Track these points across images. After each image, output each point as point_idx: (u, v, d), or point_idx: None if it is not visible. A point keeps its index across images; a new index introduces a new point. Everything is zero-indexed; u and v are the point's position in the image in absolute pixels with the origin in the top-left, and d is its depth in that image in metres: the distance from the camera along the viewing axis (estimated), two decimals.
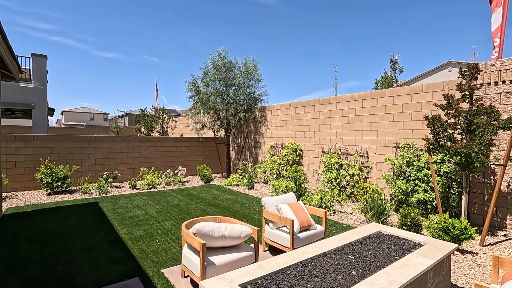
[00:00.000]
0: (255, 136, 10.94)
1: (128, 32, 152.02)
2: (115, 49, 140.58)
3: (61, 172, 7.90)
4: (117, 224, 5.08)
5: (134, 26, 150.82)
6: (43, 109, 12.04)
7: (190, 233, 2.89)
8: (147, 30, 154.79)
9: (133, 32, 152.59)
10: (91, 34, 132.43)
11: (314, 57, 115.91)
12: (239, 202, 6.92)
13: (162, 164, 10.75)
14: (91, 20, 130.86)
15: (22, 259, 3.62)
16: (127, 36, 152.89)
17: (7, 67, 5.03)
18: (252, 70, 10.44)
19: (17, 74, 5.56)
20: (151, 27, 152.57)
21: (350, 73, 78.11)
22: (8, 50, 4.48)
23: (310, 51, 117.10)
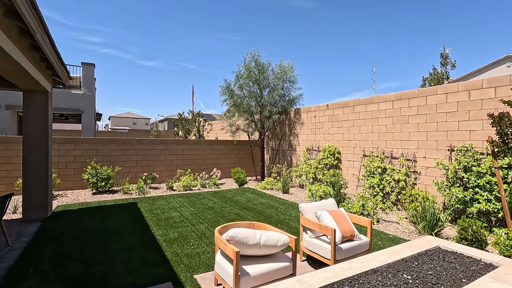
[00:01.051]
0: (290, 138, 10.64)
1: (168, 41, 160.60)
2: (156, 58, 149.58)
3: (105, 173, 8.32)
4: (153, 225, 5.13)
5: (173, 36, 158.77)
6: (91, 114, 12.96)
7: (223, 239, 2.72)
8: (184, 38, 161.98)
9: (172, 41, 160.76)
10: (135, 45, 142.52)
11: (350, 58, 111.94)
12: (273, 206, 6.68)
13: (197, 166, 10.90)
14: (136, 32, 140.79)
15: (65, 257, 3.74)
16: (167, 46, 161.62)
17: (58, 74, 5.38)
18: (287, 72, 10.20)
19: (66, 80, 5.94)
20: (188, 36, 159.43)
21: (389, 73, 74.04)
22: (58, 58, 4.76)
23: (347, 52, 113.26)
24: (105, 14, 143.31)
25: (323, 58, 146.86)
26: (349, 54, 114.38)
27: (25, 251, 3.94)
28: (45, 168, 5.51)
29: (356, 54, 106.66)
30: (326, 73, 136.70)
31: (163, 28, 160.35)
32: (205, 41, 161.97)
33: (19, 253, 3.86)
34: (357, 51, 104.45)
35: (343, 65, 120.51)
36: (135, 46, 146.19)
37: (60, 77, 5.45)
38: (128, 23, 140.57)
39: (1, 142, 7.78)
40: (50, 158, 5.65)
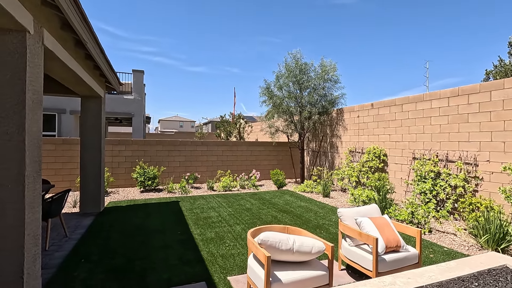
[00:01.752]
0: (331, 140, 10.21)
1: (212, 47, 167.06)
2: (201, 64, 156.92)
3: (152, 173, 8.85)
4: (192, 224, 5.27)
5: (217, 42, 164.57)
6: (141, 118, 13.95)
7: (255, 242, 2.65)
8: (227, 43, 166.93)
9: (216, 47, 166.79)
10: (183, 52, 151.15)
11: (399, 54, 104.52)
12: (313, 210, 6.43)
13: (237, 167, 11.04)
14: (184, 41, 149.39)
15: (111, 250, 4.01)
16: (212, 52, 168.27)
17: (109, 81, 5.84)
18: (329, 71, 9.82)
19: (117, 86, 6.43)
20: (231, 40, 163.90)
21: (443, 69, 67.35)
22: (108, 66, 5.17)
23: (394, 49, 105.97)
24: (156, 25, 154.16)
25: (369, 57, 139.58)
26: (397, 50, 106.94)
27: (79, 242, 4.31)
28: (98, 167, 6.01)
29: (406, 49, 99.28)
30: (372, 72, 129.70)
31: (209, 36, 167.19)
32: (248, 45, 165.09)
33: (74, 244, 4.24)
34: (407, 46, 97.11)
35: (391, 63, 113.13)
36: (183, 53, 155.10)
37: (111, 83, 5.91)
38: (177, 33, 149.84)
39: (65, 143, 8.73)
40: (102, 158, 6.16)
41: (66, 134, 12.04)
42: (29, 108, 2.49)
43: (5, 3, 2.09)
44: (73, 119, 12.35)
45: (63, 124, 12.03)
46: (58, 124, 11.94)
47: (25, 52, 2.43)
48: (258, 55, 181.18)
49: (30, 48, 2.50)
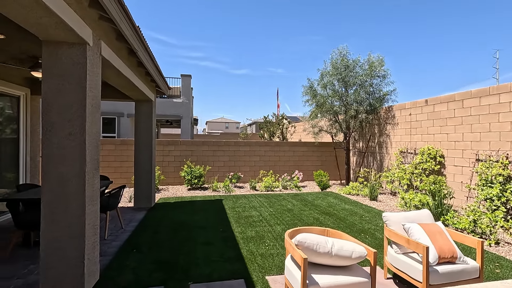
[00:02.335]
0: (380, 139, 9.60)
1: (255, 50, 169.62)
2: (245, 66, 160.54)
3: (198, 172, 9.29)
4: (234, 222, 5.40)
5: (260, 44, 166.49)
6: (188, 119, 14.75)
7: (292, 243, 2.61)
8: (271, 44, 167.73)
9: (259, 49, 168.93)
10: (228, 56, 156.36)
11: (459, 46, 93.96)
12: (358, 214, 6.12)
13: (279, 168, 11.01)
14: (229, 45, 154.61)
15: (159, 243, 4.30)
16: (255, 53, 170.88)
17: (159, 86, 6.29)
18: (377, 67, 9.25)
19: (166, 90, 6.89)
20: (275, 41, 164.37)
21: None
22: (158, 72, 5.56)
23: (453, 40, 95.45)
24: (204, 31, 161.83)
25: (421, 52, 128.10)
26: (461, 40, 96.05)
27: (132, 234, 4.71)
28: (150, 165, 6.51)
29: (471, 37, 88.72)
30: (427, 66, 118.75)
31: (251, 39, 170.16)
32: (291, 45, 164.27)
33: (128, 235, 4.65)
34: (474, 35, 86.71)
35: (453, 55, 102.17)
36: (228, 57, 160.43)
37: (161, 87, 6.35)
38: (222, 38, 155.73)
39: (123, 144, 9.63)
40: (153, 157, 6.65)
41: (124, 136, 13.30)
42: (89, 112, 2.80)
43: (70, 21, 2.38)
44: (129, 122, 13.58)
45: (122, 126, 13.32)
46: (118, 127, 13.27)
47: (86, 63, 2.74)
48: (305, 54, 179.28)
49: (90, 58, 2.81)
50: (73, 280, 2.70)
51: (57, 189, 2.67)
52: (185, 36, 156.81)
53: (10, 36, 3.46)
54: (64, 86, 2.69)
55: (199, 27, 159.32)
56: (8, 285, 3.02)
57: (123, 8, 2.91)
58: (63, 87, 2.69)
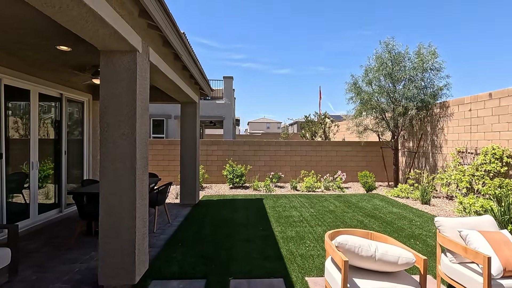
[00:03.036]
0: (433, 138, 8.80)
1: (296, 48, 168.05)
2: (287, 66, 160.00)
3: (239, 171, 9.49)
4: (274, 221, 5.40)
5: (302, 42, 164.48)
6: (230, 120, 15.16)
7: (332, 245, 2.52)
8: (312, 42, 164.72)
9: (301, 48, 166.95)
10: (270, 56, 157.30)
11: None
12: (407, 218, 5.69)
13: (321, 168, 10.73)
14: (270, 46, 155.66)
15: (202, 238, 4.49)
16: (296, 53, 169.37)
17: (202, 88, 6.57)
18: (429, 59, 8.51)
19: (208, 92, 7.17)
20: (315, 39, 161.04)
21: None
22: (201, 74, 5.82)
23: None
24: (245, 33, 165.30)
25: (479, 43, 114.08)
26: None
27: (178, 228, 5.00)
28: (194, 164, 6.83)
29: None
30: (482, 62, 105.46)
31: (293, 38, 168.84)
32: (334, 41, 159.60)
33: (174, 230, 4.94)
34: None
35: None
36: (270, 57, 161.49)
37: (204, 89, 6.63)
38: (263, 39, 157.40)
39: (170, 144, 10.26)
40: (197, 156, 6.96)
41: (171, 136, 14.17)
42: (139, 114, 3.04)
43: (122, 31, 2.61)
44: (176, 123, 14.42)
45: (169, 128, 14.22)
46: (166, 128, 14.19)
47: (136, 68, 2.97)
48: (347, 50, 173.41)
49: (139, 64, 3.04)
50: (126, 267, 2.95)
51: (112, 184, 2.95)
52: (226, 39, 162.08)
53: (75, 48, 3.91)
54: (118, 91, 2.96)
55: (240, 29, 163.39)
56: (74, 268, 3.42)
57: (169, 17, 3.10)
58: (117, 91, 2.96)
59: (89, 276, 3.24)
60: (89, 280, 3.14)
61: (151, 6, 2.66)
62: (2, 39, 3.61)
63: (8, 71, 4.28)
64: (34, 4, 2.00)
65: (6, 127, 4.40)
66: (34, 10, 2.72)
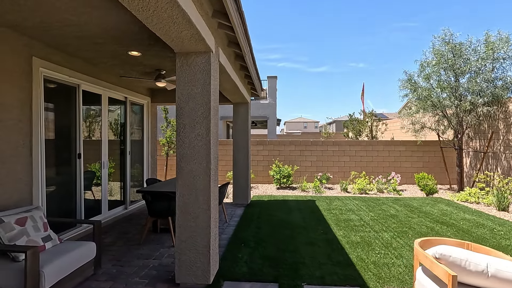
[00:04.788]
0: (507, 137, 7.84)
1: (335, 45, 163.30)
2: (325, 64, 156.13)
3: (286, 171, 9.36)
4: (333, 224, 5.17)
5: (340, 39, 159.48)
6: (274, 120, 15.08)
7: (429, 255, 2.28)
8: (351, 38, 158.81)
9: (339, 44, 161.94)
10: (306, 55, 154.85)
11: None
12: (486, 226, 5.09)
13: (372, 169, 10.16)
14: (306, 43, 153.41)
15: (263, 239, 4.43)
16: (335, 50, 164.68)
17: (255, 88, 6.55)
18: (501, 47, 7.60)
19: (260, 92, 7.14)
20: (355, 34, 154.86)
21: None
22: (257, 74, 5.78)
23: None
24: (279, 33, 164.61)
25: None
26: None
27: (236, 228, 5.01)
28: (246, 164, 6.84)
29: None
30: None
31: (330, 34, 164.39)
32: (374, 36, 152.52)
33: (233, 229, 4.95)
34: None
35: None
36: (306, 56, 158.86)
37: (256, 89, 6.61)
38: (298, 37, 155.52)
39: (219, 144, 10.45)
40: (249, 156, 6.96)
41: (218, 137, 14.50)
42: (212, 114, 3.05)
43: (203, 32, 2.63)
44: (221, 124, 14.73)
45: None
46: None
47: (210, 69, 2.99)
48: (389, 44, 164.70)
49: (213, 65, 3.06)
50: (201, 266, 2.98)
51: (188, 184, 2.99)
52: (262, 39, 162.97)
53: (145, 53, 4.08)
54: (193, 91, 2.99)
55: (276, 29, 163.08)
56: (148, 264, 3.56)
57: (240, 15, 3.07)
58: (193, 92, 2.99)
59: (163, 273, 3.34)
60: (164, 277, 3.23)
61: (229, 5, 2.63)
62: (86, 48, 3.89)
63: (85, 78, 4.61)
64: (131, 9, 2.07)
65: (86, 129, 4.77)
66: (118, 18, 2.87)
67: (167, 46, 3.75)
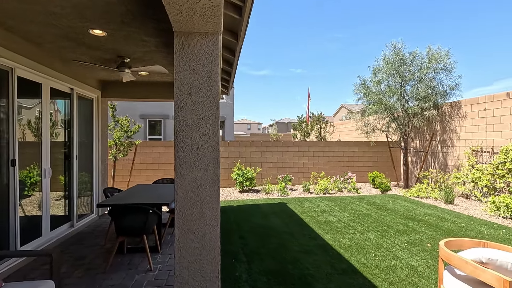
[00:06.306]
0: (444, 138, 8.90)
1: (276, 50, 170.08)
2: (266, 67, 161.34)
3: (249, 174, 9.00)
4: (317, 228, 5.02)
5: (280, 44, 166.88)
6: (232, 121, 14.59)
7: (469, 260, 2.19)
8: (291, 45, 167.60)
9: (279, 50, 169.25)
10: (250, 58, 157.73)
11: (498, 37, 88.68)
12: (447, 219, 5.56)
13: (329, 169, 10.53)
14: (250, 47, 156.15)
15: (254, 251, 4.00)
16: (276, 55, 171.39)
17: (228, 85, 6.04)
18: (440, 59, 8.61)
19: (229, 91, 6.65)
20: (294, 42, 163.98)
21: None
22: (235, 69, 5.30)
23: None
24: None
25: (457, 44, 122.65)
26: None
27: None
28: None
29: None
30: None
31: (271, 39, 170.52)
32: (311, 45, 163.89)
33: None
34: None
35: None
36: (250, 59, 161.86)
37: (229, 86, 6.11)
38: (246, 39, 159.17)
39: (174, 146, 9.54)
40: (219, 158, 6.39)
41: (169, 138, 13.31)
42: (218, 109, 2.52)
43: (221, 6, 2.10)
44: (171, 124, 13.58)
45: (167, 128, 13.34)
46: (163, 129, 13.29)
47: (217, 54, 2.46)
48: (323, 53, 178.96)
49: (220, 49, 2.53)
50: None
51: (192, 196, 2.41)
52: None
53: (113, 33, 3.28)
54: (197, 81, 2.42)
55: None
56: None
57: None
58: (196, 82, 2.42)
59: None
60: None
61: None
62: (33, 19, 2.92)
63: (22, 60, 3.53)
64: None
65: (21, 128, 3.64)
66: None
67: (145, 25, 3.07)
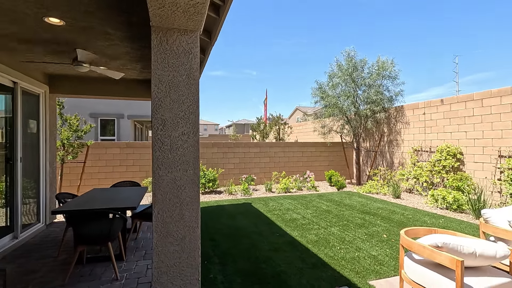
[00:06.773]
0: (390, 138, 9.84)
1: (230, 52, 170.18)
2: (221, 68, 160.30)
3: (212, 175, 8.89)
4: (284, 226, 5.17)
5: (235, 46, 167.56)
6: None
7: (427, 246, 2.48)
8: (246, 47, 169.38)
9: (234, 51, 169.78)
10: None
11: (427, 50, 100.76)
12: (396, 212, 6.16)
13: (289, 168, 10.90)
14: None
15: (226, 252, 3.97)
16: (231, 56, 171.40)
17: None
18: (387, 68, 9.51)
19: None
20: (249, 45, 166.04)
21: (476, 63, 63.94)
22: None
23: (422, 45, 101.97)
24: None
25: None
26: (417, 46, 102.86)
27: None
28: None
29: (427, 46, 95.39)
30: None
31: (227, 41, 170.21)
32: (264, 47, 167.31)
33: None
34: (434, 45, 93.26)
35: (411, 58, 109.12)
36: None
37: None
38: None
39: (129, 147, 8.97)
40: None
41: (124, 138, 12.41)
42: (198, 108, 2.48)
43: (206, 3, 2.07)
44: (130, 124, 12.72)
45: (122, 128, 12.41)
46: (117, 129, 12.34)
47: (197, 51, 2.42)
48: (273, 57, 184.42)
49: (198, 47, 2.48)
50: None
51: (170, 197, 2.32)
52: None
53: (71, 22, 3.00)
54: (176, 79, 2.34)
55: None
56: None
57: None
58: (175, 80, 2.34)
59: None
60: None
61: None
62: None
63: None
64: None
65: None
66: None
67: (112, 17, 2.88)
